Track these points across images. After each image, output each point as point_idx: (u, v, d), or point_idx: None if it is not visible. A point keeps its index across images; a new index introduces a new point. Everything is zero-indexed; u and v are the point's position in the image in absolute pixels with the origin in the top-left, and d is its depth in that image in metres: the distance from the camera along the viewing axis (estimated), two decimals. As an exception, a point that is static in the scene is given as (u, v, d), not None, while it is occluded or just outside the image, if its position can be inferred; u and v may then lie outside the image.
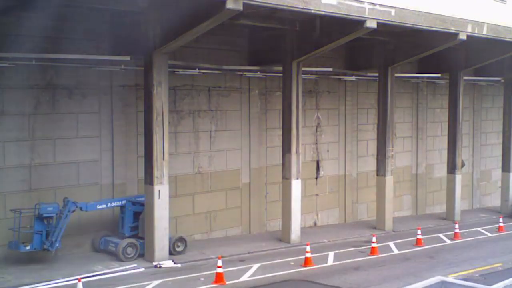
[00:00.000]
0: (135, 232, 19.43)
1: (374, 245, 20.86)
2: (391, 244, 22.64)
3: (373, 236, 21.46)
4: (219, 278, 16.68)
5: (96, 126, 19.97)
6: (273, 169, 24.71)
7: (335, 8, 18.94)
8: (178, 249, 19.73)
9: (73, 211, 18.01)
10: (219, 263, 16.80)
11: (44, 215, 17.60)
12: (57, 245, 17.73)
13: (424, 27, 21.97)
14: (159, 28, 18.13)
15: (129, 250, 18.67)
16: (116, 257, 18.54)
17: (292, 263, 19.24)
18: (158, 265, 18.30)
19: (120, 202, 19.43)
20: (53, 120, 18.88)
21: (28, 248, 17.39)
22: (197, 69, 22.07)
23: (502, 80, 32.62)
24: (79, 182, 19.61)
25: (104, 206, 19.01)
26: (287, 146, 22.35)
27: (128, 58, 19.04)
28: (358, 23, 19.99)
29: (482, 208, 34.25)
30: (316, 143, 26.60)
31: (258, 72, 24.10)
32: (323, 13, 18.86)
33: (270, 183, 24.90)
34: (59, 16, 16.83)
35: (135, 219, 19.48)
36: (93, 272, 17.37)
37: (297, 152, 22.26)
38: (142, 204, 19.16)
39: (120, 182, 20.52)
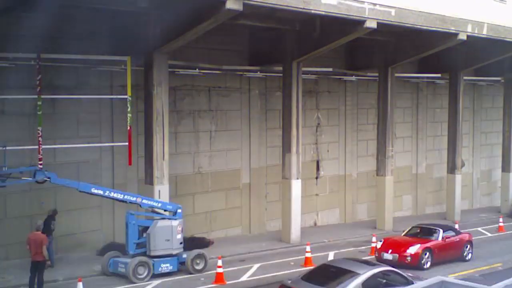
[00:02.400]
0: (143, 249, 17.17)
1: (374, 245, 20.85)
2: (391, 244, 22.61)
3: (373, 236, 21.45)
4: (219, 278, 16.68)
5: (96, 126, 19.98)
6: (273, 169, 24.71)
7: (335, 8, 18.95)
8: (197, 267, 17.62)
9: (41, 182, 16.19)
10: (219, 263, 16.80)
11: None
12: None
13: (424, 27, 21.97)
14: (159, 28, 18.14)
15: (140, 270, 16.59)
16: (127, 279, 16.53)
17: (292, 263, 19.24)
18: None
19: (122, 195, 17.14)
20: (53, 120, 18.88)
21: None
22: (197, 69, 22.08)
23: (502, 80, 32.63)
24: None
25: (101, 192, 16.73)
26: (287, 146, 22.35)
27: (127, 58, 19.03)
28: (358, 23, 20.00)
29: (482, 208, 34.24)
30: (316, 143, 26.61)
31: (258, 72, 24.11)
32: (323, 13, 18.87)
33: (270, 183, 24.90)
34: (59, 16, 16.80)
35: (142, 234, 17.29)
36: (93, 272, 17.37)
37: (297, 152, 22.27)
38: (152, 210, 17.48)
39: (120, 182, 20.53)
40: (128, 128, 18.62)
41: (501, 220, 26.66)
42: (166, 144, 18.79)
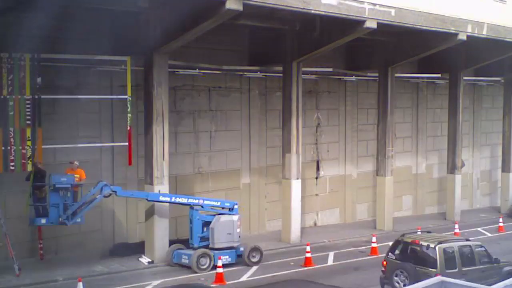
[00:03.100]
0: (206, 242, 18.41)
1: (374, 245, 20.87)
2: (391, 244, 22.61)
3: (373, 236, 21.46)
4: (219, 278, 16.69)
5: (96, 126, 19.98)
6: (273, 169, 24.72)
7: (335, 8, 18.96)
8: (253, 260, 18.80)
9: (107, 196, 17.38)
10: (219, 263, 16.81)
11: (57, 185, 16.62)
12: (78, 220, 17.05)
13: (424, 27, 21.98)
14: (159, 28, 18.14)
15: (202, 261, 17.81)
16: (191, 269, 17.76)
17: (292, 263, 19.25)
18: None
19: (186, 199, 18.62)
20: (54, 120, 18.88)
21: (44, 222, 16.79)
22: (197, 69, 22.09)
23: (502, 81, 32.62)
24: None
25: (168, 199, 18.26)
26: (287, 146, 22.36)
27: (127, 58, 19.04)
28: (358, 23, 20.00)
29: (482, 208, 34.23)
30: (316, 143, 26.60)
31: (258, 72, 24.11)
32: (323, 13, 18.88)
33: (270, 183, 24.90)
34: (59, 16, 16.81)
35: (204, 228, 18.54)
36: (93, 272, 17.38)
37: (297, 152, 22.28)
38: (211, 207, 18.80)
39: (120, 182, 20.51)
40: (128, 128, 18.65)
41: (501, 220, 26.65)
42: (166, 144, 18.79)
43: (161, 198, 18.06)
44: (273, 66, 23.80)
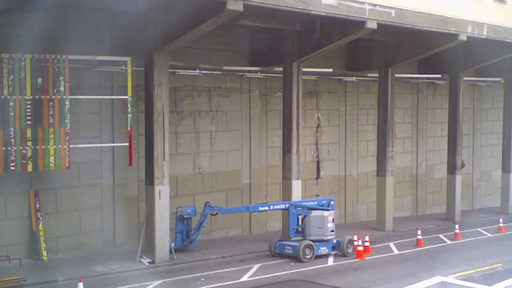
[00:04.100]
0: (301, 234, 20.26)
1: (367, 244, 20.89)
2: (391, 244, 22.66)
3: (366, 235, 21.45)
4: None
5: (97, 127, 20.00)
6: (273, 170, 24.74)
7: (336, 9, 18.98)
8: (349, 251, 20.34)
9: (214, 214, 20.20)
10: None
11: (185, 216, 19.74)
12: (195, 243, 20.04)
13: (424, 28, 22.00)
14: (159, 29, 18.16)
15: (307, 251, 19.51)
16: (293, 259, 19.46)
17: (293, 263, 19.26)
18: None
19: (284, 205, 20.62)
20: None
21: (173, 245, 19.28)
22: (197, 70, 22.11)
23: (502, 81, 32.63)
24: (80, 183, 19.65)
25: (266, 208, 20.49)
26: (287, 146, 22.37)
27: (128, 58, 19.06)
28: (358, 24, 20.02)
29: (482, 209, 34.26)
30: (316, 144, 26.62)
31: (259, 73, 24.14)
32: (323, 14, 18.90)
33: (270, 184, 24.92)
34: (60, 17, 16.85)
35: (299, 222, 20.40)
36: (94, 272, 17.40)
37: (297, 152, 22.29)
38: (307, 208, 20.47)
39: (121, 182, 20.57)
40: (129, 128, 18.67)
41: (501, 220, 26.66)
42: (167, 144, 18.81)
43: (261, 209, 20.41)
44: (274, 66, 23.82)
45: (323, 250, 20.14)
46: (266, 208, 20.48)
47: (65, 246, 19.34)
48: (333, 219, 20.53)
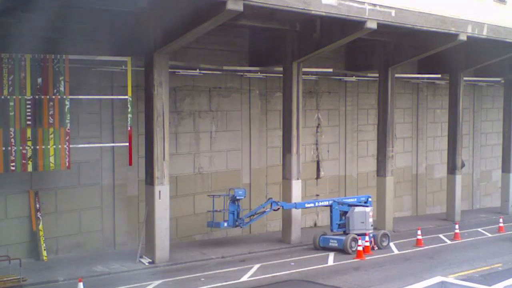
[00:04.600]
0: (342, 229, 21.49)
1: (367, 244, 20.88)
2: (391, 244, 22.64)
3: (366, 235, 21.44)
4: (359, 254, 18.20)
5: (97, 127, 20.01)
6: (273, 170, 24.74)
7: (336, 9, 18.98)
8: (383, 244, 21.58)
9: (276, 209, 21.14)
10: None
11: (237, 197, 20.68)
12: (245, 225, 21.43)
13: (424, 28, 22.00)
14: (159, 29, 18.16)
15: (353, 244, 20.56)
16: (339, 251, 20.66)
17: (293, 264, 19.26)
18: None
19: (327, 202, 21.88)
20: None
21: (226, 225, 20.70)
22: (197, 70, 22.11)
23: (502, 81, 32.63)
24: (80, 183, 19.65)
25: (312, 205, 22.17)
26: (287, 146, 22.37)
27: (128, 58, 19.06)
28: (358, 24, 20.02)
29: (482, 209, 34.26)
30: (316, 144, 26.62)
31: (259, 73, 24.14)
32: (323, 14, 18.90)
33: (270, 184, 24.92)
34: (60, 17, 16.85)
35: (341, 217, 21.57)
36: (94, 272, 17.41)
37: (297, 152, 22.29)
38: (348, 205, 21.57)
39: (120, 182, 20.57)
40: (129, 128, 18.68)
41: (501, 220, 26.65)
42: (167, 144, 18.81)
43: (307, 205, 21.90)
44: (274, 66, 23.83)
45: (365, 243, 21.00)
46: (312, 204, 22.13)
47: (65, 246, 19.35)
48: (372, 214, 21.75)
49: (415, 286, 10.25)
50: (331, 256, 20.40)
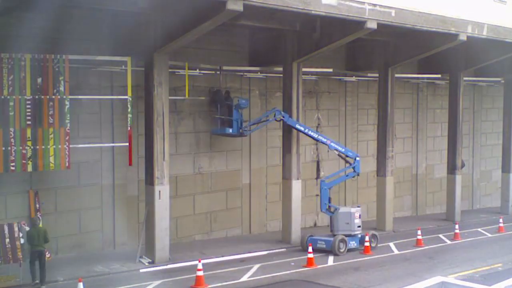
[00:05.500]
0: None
1: (366, 244, 20.87)
2: (391, 244, 22.66)
3: (366, 235, 21.43)
4: (199, 282, 16.13)
5: (96, 127, 20.00)
6: (273, 170, 24.74)
7: (335, 9, 18.98)
8: (372, 244, 21.31)
9: (278, 120, 22.16)
10: (199, 266, 16.27)
11: (241, 106, 21.82)
12: (252, 131, 22.68)
13: (424, 28, 22.00)
14: (159, 29, 18.16)
15: (341, 245, 20.57)
16: (328, 252, 20.51)
17: (293, 264, 19.25)
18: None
19: (325, 140, 22.06)
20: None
21: (231, 131, 21.68)
22: (197, 70, 22.10)
23: (502, 81, 32.63)
24: (79, 183, 19.64)
25: (306, 130, 22.04)
26: (287, 146, 22.38)
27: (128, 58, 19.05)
28: (358, 24, 20.02)
29: (482, 209, 34.26)
30: (316, 144, 26.60)
31: (259, 73, 24.14)
32: (323, 13, 18.90)
33: (270, 184, 24.92)
34: (60, 17, 16.83)
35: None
36: (94, 272, 17.40)
37: (297, 152, 22.29)
38: (338, 154, 22.07)
39: (120, 182, 20.57)
40: (129, 128, 18.67)
41: (501, 220, 26.65)
42: (167, 144, 18.81)
43: (299, 126, 21.75)
44: (273, 66, 23.82)
45: (353, 244, 21.03)
46: (302, 128, 21.86)
47: (65, 246, 19.34)
48: (359, 215, 21.41)
49: (415, 286, 10.25)
50: (332, 256, 20.40)
